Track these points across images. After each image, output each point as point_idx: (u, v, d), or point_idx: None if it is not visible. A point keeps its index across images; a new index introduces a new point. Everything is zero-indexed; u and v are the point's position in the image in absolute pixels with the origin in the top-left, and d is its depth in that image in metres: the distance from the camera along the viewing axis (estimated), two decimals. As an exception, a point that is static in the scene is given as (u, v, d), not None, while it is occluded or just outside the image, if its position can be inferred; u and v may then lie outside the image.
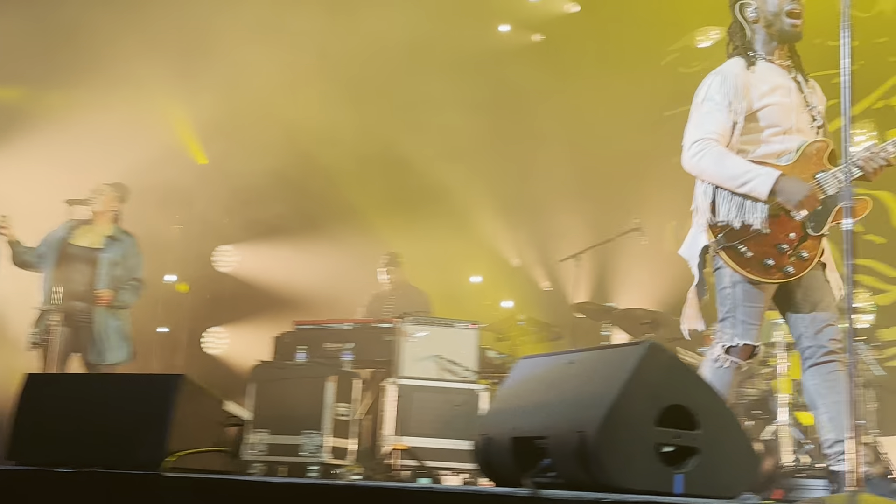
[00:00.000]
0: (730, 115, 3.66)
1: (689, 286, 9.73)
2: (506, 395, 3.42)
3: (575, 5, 10.34)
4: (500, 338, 7.87)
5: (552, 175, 9.80)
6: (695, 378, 3.09)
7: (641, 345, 3.01)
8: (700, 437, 2.96)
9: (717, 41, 9.86)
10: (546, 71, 9.93)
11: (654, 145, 9.67)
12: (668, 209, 9.54)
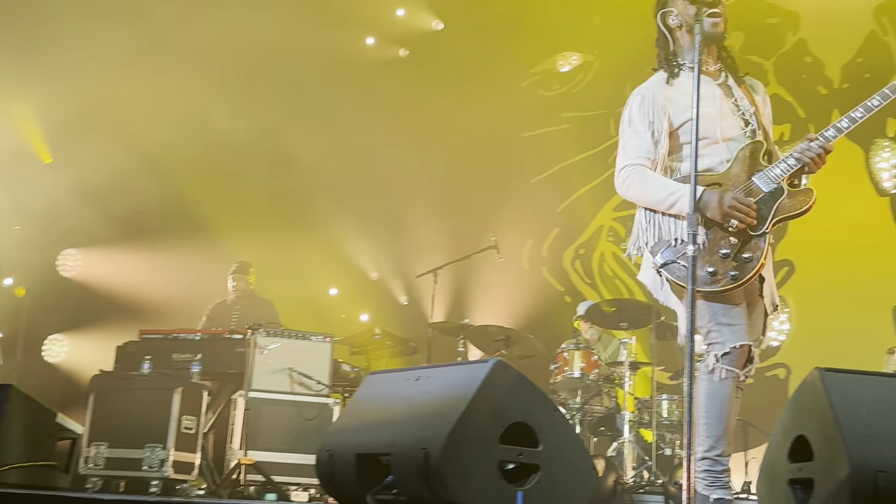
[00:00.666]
0: (653, 136, 3.64)
1: (543, 305, 9.93)
2: (352, 410, 3.38)
3: (440, 22, 10.45)
4: (355, 351, 7.81)
5: (414, 190, 9.85)
6: (538, 395, 3.13)
7: (488, 363, 3.03)
8: (541, 453, 3.01)
9: (577, 66, 10.15)
10: (411, 85, 9.97)
11: (514, 165, 9.87)
12: (526, 228, 9.74)
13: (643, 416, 6.94)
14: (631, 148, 3.68)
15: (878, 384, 2.63)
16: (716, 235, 3.48)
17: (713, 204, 3.46)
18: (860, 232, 8.51)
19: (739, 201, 3.45)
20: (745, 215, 3.43)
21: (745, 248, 3.46)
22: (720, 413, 3.47)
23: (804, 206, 3.46)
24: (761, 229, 3.46)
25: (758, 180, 3.52)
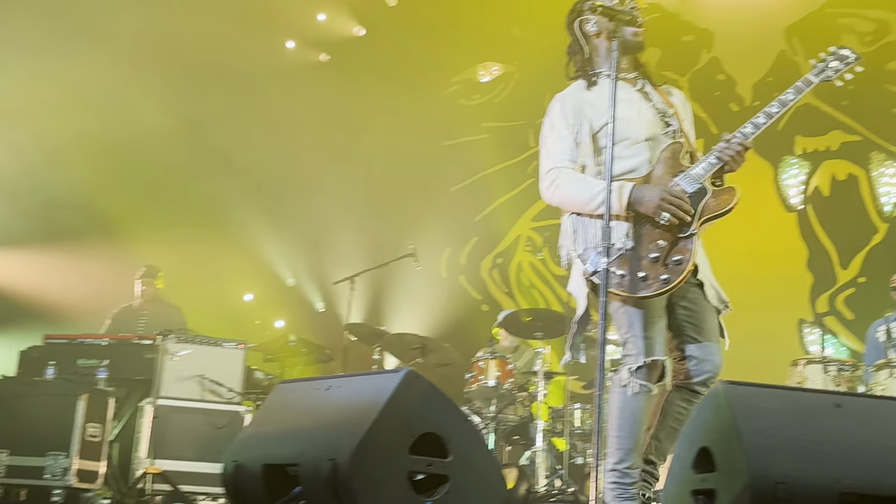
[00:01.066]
0: (575, 140, 3.63)
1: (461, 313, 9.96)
2: (260, 420, 3.33)
3: (361, 29, 10.42)
4: (269, 358, 7.70)
5: (333, 195, 9.78)
6: (449, 406, 3.12)
7: (399, 373, 3.01)
8: (451, 464, 3.00)
9: (498, 77, 10.23)
10: (332, 91, 9.92)
11: (434, 173, 9.88)
12: (445, 236, 9.76)
13: (556, 426, 7.00)
14: (556, 152, 3.66)
15: (779, 397, 2.68)
16: (644, 239, 3.45)
17: (646, 198, 3.44)
18: (769, 247, 8.76)
19: (672, 194, 3.43)
20: (678, 207, 3.42)
21: (673, 250, 3.42)
22: (631, 427, 3.49)
23: (729, 205, 3.43)
24: (688, 230, 3.43)
25: (681, 181, 3.50)
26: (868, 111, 8.94)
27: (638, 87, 3.73)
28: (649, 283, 3.40)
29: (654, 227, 3.46)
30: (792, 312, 8.87)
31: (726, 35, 9.15)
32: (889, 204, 8.81)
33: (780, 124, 9.07)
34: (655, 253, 3.41)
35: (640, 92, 3.71)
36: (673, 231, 3.43)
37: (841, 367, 6.30)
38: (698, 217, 3.45)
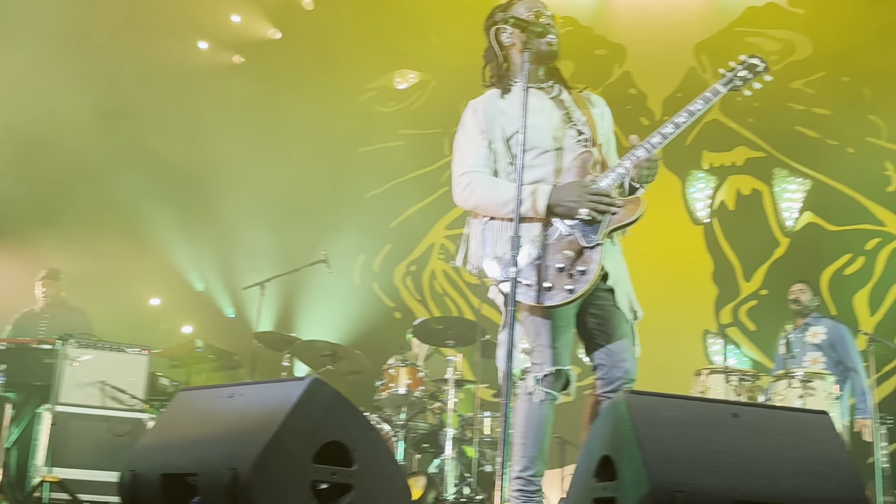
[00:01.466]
0: (489, 146, 3.65)
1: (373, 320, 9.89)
2: (160, 428, 3.24)
3: (277, 31, 10.30)
4: (174, 364, 7.54)
5: (245, 199, 9.63)
6: (355, 414, 3.09)
7: (304, 380, 2.97)
8: (356, 473, 2.97)
9: (414, 84, 10.23)
10: (245, 93, 9.80)
11: (349, 179, 9.82)
12: (358, 242, 9.71)
13: (466, 434, 7.01)
14: (469, 156, 3.67)
15: (678, 406, 2.73)
16: (552, 248, 3.46)
17: (567, 198, 3.45)
18: (676, 258, 8.96)
19: (593, 191, 3.45)
20: (599, 202, 3.44)
21: (579, 261, 3.43)
22: (536, 435, 3.52)
23: (634, 215, 3.45)
24: (594, 240, 3.44)
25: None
26: (772, 128, 9.24)
27: (553, 94, 3.76)
28: (554, 293, 3.41)
29: (561, 236, 3.47)
30: (697, 323, 9.08)
31: (638, 50, 9.35)
32: (791, 219, 9.10)
33: (688, 139, 9.39)
34: (561, 263, 3.42)
35: (555, 100, 3.74)
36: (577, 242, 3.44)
37: (742, 377, 6.45)
38: (605, 227, 3.46)
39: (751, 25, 9.33)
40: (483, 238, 3.60)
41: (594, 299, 3.57)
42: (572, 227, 3.47)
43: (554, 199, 3.46)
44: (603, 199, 3.45)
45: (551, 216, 3.49)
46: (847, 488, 2.64)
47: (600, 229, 3.46)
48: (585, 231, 3.46)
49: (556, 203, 3.46)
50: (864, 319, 8.54)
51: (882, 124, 8.92)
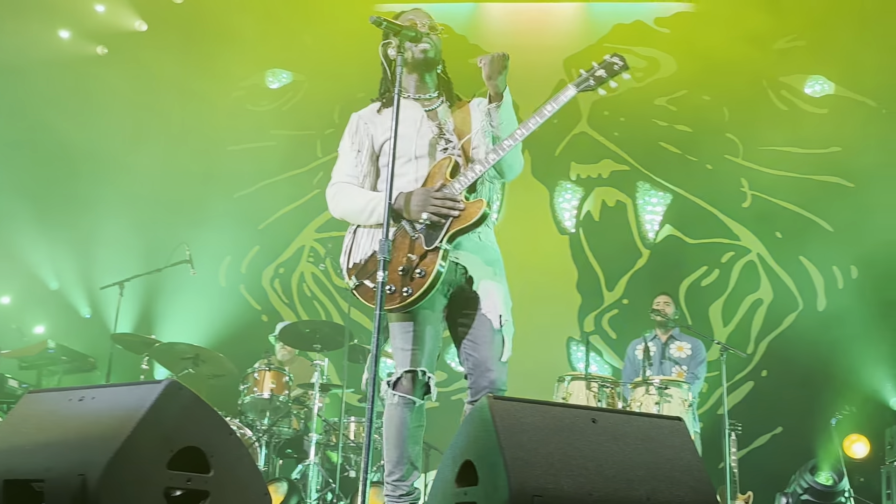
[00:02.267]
0: (358, 157, 3.77)
1: (239, 323, 9.65)
2: (3, 432, 3.06)
3: (143, 24, 9.95)
4: (24, 366, 7.20)
5: (105, 195, 9.28)
6: (213, 419, 3.00)
7: (160, 384, 2.87)
8: (212, 479, 2.89)
9: (287, 84, 10.08)
10: (110, 86, 9.44)
11: (217, 178, 9.58)
12: (225, 243, 9.48)
13: (331, 439, 6.95)
14: (339, 168, 3.82)
15: (540, 412, 2.76)
16: (398, 252, 3.52)
17: (412, 203, 3.53)
18: (543, 267, 9.11)
19: (437, 195, 3.52)
20: (442, 205, 3.50)
21: (421, 264, 3.50)
22: (395, 439, 3.53)
23: (474, 218, 3.51)
24: (434, 243, 3.51)
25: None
26: (636, 143, 9.55)
27: (434, 106, 3.81)
28: (394, 296, 3.48)
29: (406, 240, 3.55)
30: (561, 330, 9.27)
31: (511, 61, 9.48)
32: (652, 231, 9.41)
33: (557, 150, 9.59)
34: (404, 266, 3.49)
35: (431, 111, 3.80)
36: (421, 245, 3.52)
37: (602, 384, 6.61)
38: (446, 230, 3.53)
39: (619, 42, 9.61)
40: (349, 245, 3.71)
41: (464, 307, 3.63)
42: (420, 231, 3.54)
43: (398, 205, 3.55)
44: (446, 202, 3.52)
45: (399, 221, 3.58)
46: (698, 492, 2.73)
47: (442, 233, 3.52)
48: (429, 235, 3.53)
49: (401, 208, 3.55)
50: (718, 330, 8.92)
51: (739, 143, 9.34)
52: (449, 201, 3.52)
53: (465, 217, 3.53)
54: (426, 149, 3.70)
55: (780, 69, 9.37)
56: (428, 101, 3.82)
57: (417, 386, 3.55)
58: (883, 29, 8.79)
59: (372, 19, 3.60)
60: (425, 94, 3.83)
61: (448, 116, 3.79)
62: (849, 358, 8.41)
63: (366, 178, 3.76)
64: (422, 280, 3.47)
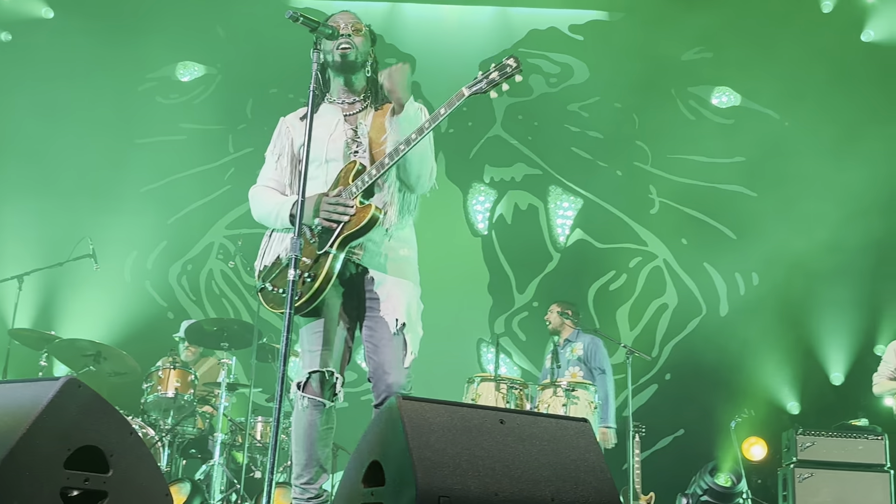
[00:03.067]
0: (279, 162, 3.81)
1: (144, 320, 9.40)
2: None
3: (50, 10, 9.62)
4: (-85, 362, 6.89)
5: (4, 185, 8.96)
6: (113, 417, 2.92)
7: (58, 381, 2.78)
8: (111, 479, 2.81)
9: (199, 77, 9.89)
10: (14, 74, 9.13)
11: (123, 171, 9.33)
12: (131, 238, 9.24)
13: (237, 439, 6.84)
14: (261, 172, 3.87)
15: (449, 413, 2.76)
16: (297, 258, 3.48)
17: (307, 208, 3.54)
18: (455, 268, 9.15)
19: (330, 201, 3.54)
20: (333, 210, 3.52)
21: (313, 267, 3.52)
22: (303, 441, 3.51)
23: (363, 222, 3.52)
24: (325, 248, 3.52)
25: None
26: (549, 147, 9.66)
27: (353, 110, 3.80)
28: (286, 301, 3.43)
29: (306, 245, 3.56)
30: (472, 332, 9.33)
31: (427, 63, 9.50)
32: (563, 235, 9.54)
33: (471, 153, 9.64)
34: (298, 271, 3.43)
35: (350, 116, 3.79)
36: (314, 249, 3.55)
37: (511, 385, 6.68)
38: (337, 234, 3.54)
39: (533, 47, 9.72)
40: (262, 249, 3.79)
41: (369, 310, 3.65)
42: (316, 236, 3.57)
43: (295, 210, 3.54)
44: (337, 207, 3.53)
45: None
46: (602, 493, 2.77)
47: (332, 238, 3.54)
48: (322, 239, 3.55)
49: (297, 214, 3.51)
50: (624, 333, 9.09)
51: (648, 150, 9.54)
52: (340, 206, 3.53)
53: (355, 222, 3.53)
54: (337, 153, 3.70)
55: (689, 79, 9.60)
56: (350, 105, 3.81)
57: (326, 387, 3.54)
58: (786, 44, 9.08)
59: (288, 14, 3.56)
60: (349, 98, 3.82)
61: (367, 121, 3.78)
62: (748, 362, 8.68)
63: (290, 183, 3.80)
64: (311, 284, 3.49)
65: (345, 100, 3.81)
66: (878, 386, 6.83)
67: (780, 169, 8.94)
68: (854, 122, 8.77)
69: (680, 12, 9.06)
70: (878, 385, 6.83)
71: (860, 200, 8.54)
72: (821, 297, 8.77)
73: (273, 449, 3.11)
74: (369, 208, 3.55)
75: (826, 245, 8.51)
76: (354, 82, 3.82)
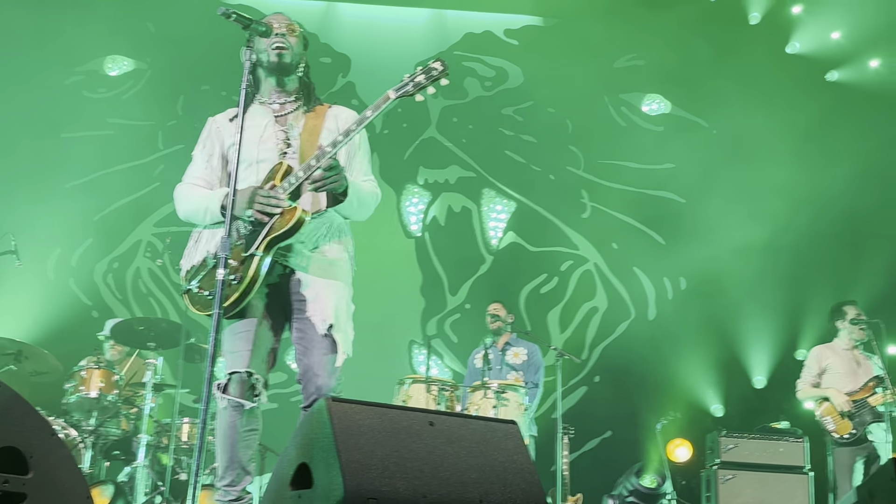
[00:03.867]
0: (209, 161, 3.77)
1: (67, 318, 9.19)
2: None
3: (-27, 0, 9.37)
4: None
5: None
6: (33, 418, 2.84)
7: (-24, 380, 2.70)
8: (31, 481, 2.73)
9: (128, 72, 9.70)
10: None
11: (48, 166, 9.10)
12: (55, 235, 9.02)
13: (162, 440, 6.73)
14: (188, 171, 3.82)
15: (378, 414, 2.75)
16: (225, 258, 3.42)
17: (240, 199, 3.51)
18: (388, 269, 9.13)
19: (263, 193, 3.52)
20: (266, 202, 3.49)
21: (240, 269, 3.48)
22: (224, 443, 3.48)
23: (288, 225, 3.50)
24: (251, 250, 3.49)
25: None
26: (483, 150, 9.71)
27: (283, 112, 3.77)
28: (212, 302, 3.39)
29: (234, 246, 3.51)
30: (404, 333, 9.32)
31: (362, 63, 9.48)
32: (496, 237, 9.59)
33: (406, 154, 9.64)
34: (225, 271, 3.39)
35: (280, 117, 3.76)
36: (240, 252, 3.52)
37: (442, 387, 6.69)
38: (263, 237, 3.51)
39: (469, 50, 9.77)
40: (189, 249, 3.77)
41: (297, 311, 3.63)
42: (243, 237, 3.53)
43: (226, 202, 3.49)
44: (271, 199, 3.51)
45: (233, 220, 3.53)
46: (529, 494, 2.79)
47: (259, 240, 3.51)
48: (249, 241, 3.52)
49: (228, 205, 3.47)
50: (555, 336, 9.18)
51: (581, 155, 9.66)
52: (273, 199, 3.51)
53: (280, 224, 3.51)
54: (267, 154, 3.68)
55: (621, 86, 9.75)
56: (281, 106, 3.78)
57: (246, 388, 3.50)
58: (715, 54, 9.27)
59: (220, 10, 3.51)
60: (280, 98, 3.79)
61: (299, 122, 3.75)
62: (675, 366, 8.83)
63: (219, 183, 3.76)
64: (236, 287, 3.47)
65: (276, 100, 3.79)
66: (802, 392, 7.01)
67: (708, 176, 9.12)
68: (779, 131, 9.00)
69: (613, 20, 9.19)
70: (801, 391, 7.02)
71: (785, 208, 8.77)
72: (745, 302, 8.97)
73: (199, 450, 3.06)
74: (295, 210, 3.52)
75: (751, 251, 8.71)
76: (287, 83, 3.80)
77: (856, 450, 6.61)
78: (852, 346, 6.95)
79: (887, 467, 2.33)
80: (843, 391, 6.70)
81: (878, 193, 8.74)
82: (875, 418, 6.56)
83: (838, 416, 6.62)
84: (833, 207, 8.74)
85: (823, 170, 8.54)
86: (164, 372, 7.05)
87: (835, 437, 6.65)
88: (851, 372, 6.84)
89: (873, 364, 6.87)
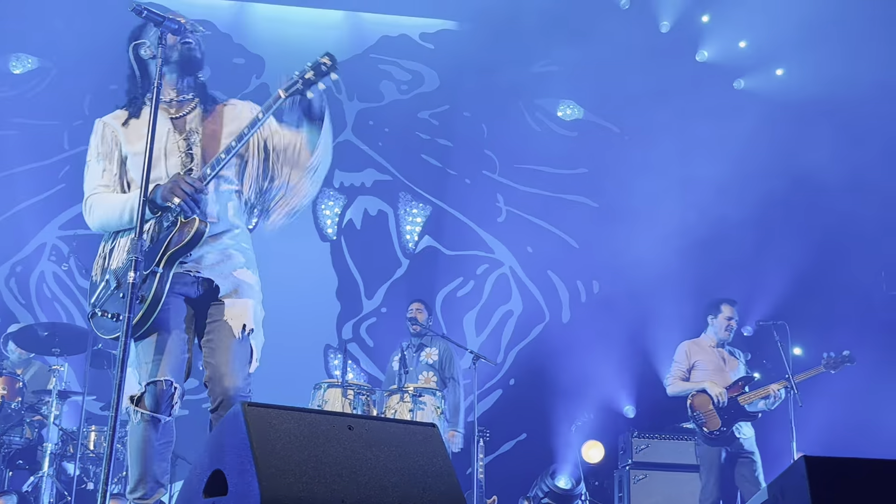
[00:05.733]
0: (109, 167, 3.60)
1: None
2: None
3: None
4: None
5: None
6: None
7: None
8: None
9: (33, 70, 9.40)
10: None
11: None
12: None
13: (68, 449, 6.53)
14: (89, 180, 3.64)
15: (295, 419, 2.71)
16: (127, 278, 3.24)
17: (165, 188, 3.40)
18: (303, 273, 9.04)
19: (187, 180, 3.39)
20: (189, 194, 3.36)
21: (142, 289, 3.32)
22: (136, 455, 3.38)
23: (188, 237, 3.40)
24: (150, 266, 3.37)
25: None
26: (399, 154, 9.69)
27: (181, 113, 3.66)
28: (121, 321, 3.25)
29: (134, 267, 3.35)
30: (319, 338, 9.23)
31: (276, 64, 9.36)
32: (412, 241, 9.58)
33: (321, 156, 9.54)
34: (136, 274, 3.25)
35: (178, 120, 3.65)
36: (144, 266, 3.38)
37: (359, 391, 6.64)
38: (162, 252, 3.41)
39: (385, 54, 9.74)
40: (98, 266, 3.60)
41: (210, 317, 3.55)
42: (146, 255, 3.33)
43: (154, 195, 3.41)
44: (196, 183, 3.41)
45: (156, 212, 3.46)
46: (448, 498, 2.78)
47: (157, 256, 3.40)
48: (148, 258, 3.37)
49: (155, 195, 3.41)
50: (471, 339, 9.21)
51: (496, 159, 9.72)
52: (198, 182, 3.41)
53: (181, 238, 3.41)
54: (174, 168, 3.55)
55: (536, 91, 9.84)
56: (177, 109, 3.67)
57: (163, 399, 3.38)
58: (627, 61, 9.43)
59: (132, 7, 3.41)
60: (178, 97, 3.67)
61: (198, 124, 3.65)
62: (588, 368, 8.95)
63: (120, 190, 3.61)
64: (140, 307, 3.33)
65: (173, 98, 3.66)
66: (672, 386, 6.99)
67: (620, 181, 9.27)
68: (688, 138, 9.21)
69: (528, 25, 9.27)
70: (672, 386, 6.99)
71: (695, 213, 8.97)
72: (656, 304, 9.14)
73: (108, 459, 2.97)
74: (194, 222, 3.42)
75: (661, 255, 8.87)
76: (186, 82, 3.69)
77: (722, 446, 6.60)
78: (717, 343, 7.03)
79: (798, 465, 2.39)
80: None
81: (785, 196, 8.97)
82: (744, 417, 6.64)
83: (711, 411, 6.59)
84: (743, 213, 8.95)
85: (732, 177, 8.75)
86: (70, 378, 6.86)
87: (704, 431, 6.62)
88: (719, 369, 6.87)
89: (739, 363, 6.96)
